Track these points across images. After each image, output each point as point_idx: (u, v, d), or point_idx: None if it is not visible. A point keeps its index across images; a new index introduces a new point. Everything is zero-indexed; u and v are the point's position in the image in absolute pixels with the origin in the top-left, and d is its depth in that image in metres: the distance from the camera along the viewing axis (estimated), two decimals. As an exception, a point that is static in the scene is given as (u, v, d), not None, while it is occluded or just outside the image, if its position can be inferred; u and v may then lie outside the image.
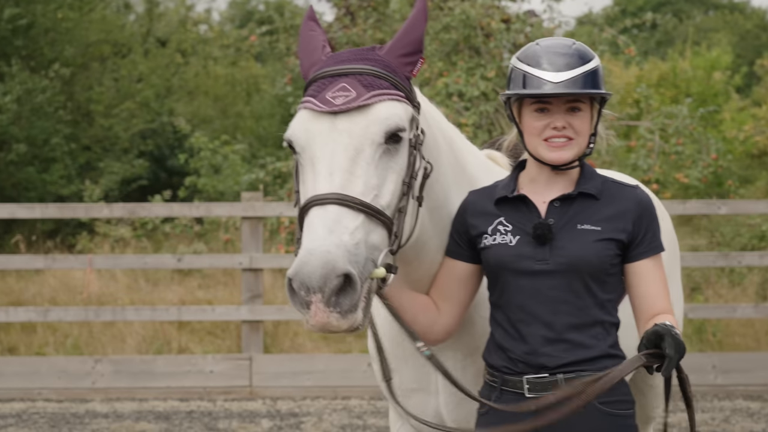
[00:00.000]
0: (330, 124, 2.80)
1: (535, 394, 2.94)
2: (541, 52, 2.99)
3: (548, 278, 2.94)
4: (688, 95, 18.72)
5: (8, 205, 9.29)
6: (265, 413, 8.31)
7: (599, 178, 3.06)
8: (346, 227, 2.66)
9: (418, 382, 3.40)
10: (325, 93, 2.82)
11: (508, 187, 3.08)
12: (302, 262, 2.59)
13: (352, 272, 2.60)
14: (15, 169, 15.14)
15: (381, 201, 2.77)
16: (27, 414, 8.32)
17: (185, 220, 12.75)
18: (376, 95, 2.81)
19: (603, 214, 2.99)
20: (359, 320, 2.65)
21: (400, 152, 2.84)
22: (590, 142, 3.02)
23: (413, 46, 2.93)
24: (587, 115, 2.99)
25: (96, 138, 17.19)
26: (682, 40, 27.91)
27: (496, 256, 3.00)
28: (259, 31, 14.38)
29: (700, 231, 14.27)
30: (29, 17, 15.34)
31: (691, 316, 8.94)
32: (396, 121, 2.81)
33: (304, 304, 2.61)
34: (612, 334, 3.02)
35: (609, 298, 3.01)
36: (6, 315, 9.09)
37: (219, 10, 40.85)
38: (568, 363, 2.93)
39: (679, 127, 12.56)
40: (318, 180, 2.76)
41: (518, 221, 3.02)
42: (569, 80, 2.93)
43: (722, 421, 7.92)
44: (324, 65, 2.91)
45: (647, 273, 3.00)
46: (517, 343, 2.98)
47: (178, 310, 9.06)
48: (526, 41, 12.84)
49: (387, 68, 2.88)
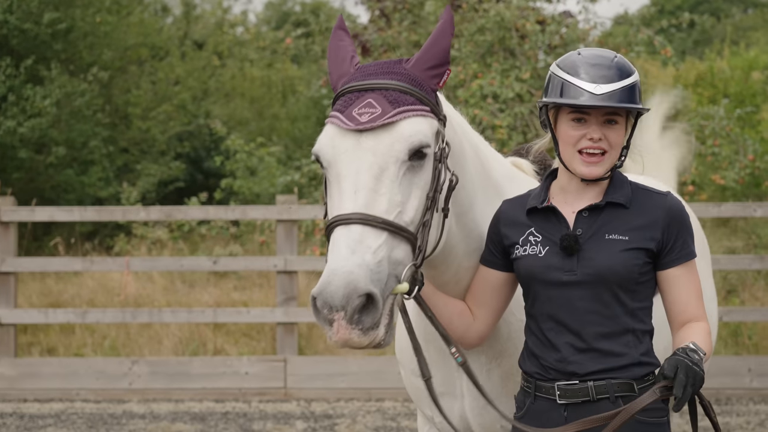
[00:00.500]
0: (355, 141, 2.85)
1: (566, 400, 2.99)
2: (583, 62, 3.02)
3: (577, 289, 2.98)
4: (726, 95, 18.57)
5: (47, 208, 9.42)
6: (299, 415, 8.37)
7: (629, 186, 3.08)
8: (369, 246, 2.72)
9: (445, 385, 3.45)
10: (352, 109, 2.86)
11: (539, 197, 3.12)
12: (326, 282, 2.66)
13: (374, 291, 2.66)
14: (54, 172, 15.32)
15: (405, 217, 2.82)
16: (65, 414, 8.44)
17: (221, 222, 12.85)
18: (401, 112, 2.85)
19: (632, 223, 3.01)
20: (381, 336, 2.72)
21: (424, 168, 2.88)
22: (622, 155, 3.05)
23: (439, 58, 2.96)
24: (622, 129, 3.02)
25: (134, 140, 17.35)
26: (720, 40, 27.67)
27: (527, 267, 3.05)
28: (295, 34, 14.46)
29: (737, 233, 14.17)
30: (68, 21, 15.49)
31: (726, 319, 8.91)
32: (420, 139, 2.85)
33: (327, 321, 2.68)
34: (645, 342, 3.04)
35: (641, 306, 3.03)
36: (45, 316, 9.21)
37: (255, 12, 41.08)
38: (597, 371, 2.97)
39: (715, 128, 12.48)
40: (343, 198, 2.81)
41: (548, 232, 3.06)
42: (609, 93, 2.95)
43: (757, 425, 7.88)
44: (351, 78, 2.95)
45: (679, 280, 3.02)
46: (549, 351, 3.02)
47: (213, 312, 9.14)
48: (561, 43, 12.83)
49: (413, 82, 2.91)
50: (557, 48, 12.86)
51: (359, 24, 14.96)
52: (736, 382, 8.69)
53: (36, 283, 12.42)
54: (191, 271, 11.96)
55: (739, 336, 9.62)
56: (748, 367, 8.74)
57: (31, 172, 15.21)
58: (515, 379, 3.30)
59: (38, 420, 8.28)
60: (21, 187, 14.80)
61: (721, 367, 8.79)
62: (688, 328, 2.99)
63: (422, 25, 13.25)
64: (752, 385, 8.69)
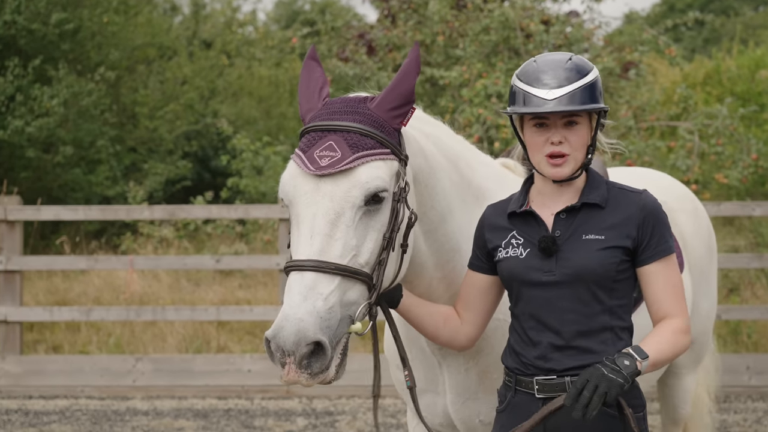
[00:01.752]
0: (314, 185, 2.95)
1: (544, 394, 3.07)
2: (538, 69, 3.09)
3: (556, 289, 3.05)
4: (733, 94, 18.56)
5: (53, 207, 9.52)
6: (300, 411, 8.45)
7: (605, 186, 3.15)
8: (321, 293, 2.83)
9: (428, 383, 3.58)
10: (314, 150, 2.97)
11: (518, 201, 3.20)
12: (278, 327, 2.80)
13: (322, 340, 2.79)
14: (62, 171, 15.44)
15: (360, 260, 2.93)
16: (70, 411, 8.53)
17: (226, 221, 12.94)
18: (359, 157, 2.95)
19: (607, 222, 3.08)
20: (331, 376, 2.87)
21: (381, 210, 2.98)
22: (588, 152, 3.11)
23: (403, 98, 3.04)
24: (584, 128, 3.08)
25: (141, 140, 17.46)
26: (729, 38, 27.63)
27: (508, 269, 3.14)
28: (300, 33, 14.54)
29: (742, 232, 14.19)
30: (76, 22, 15.60)
31: (725, 317, 8.95)
32: (377, 184, 2.95)
33: (279, 363, 2.81)
34: (624, 339, 3.10)
35: (619, 304, 3.09)
36: (51, 314, 9.31)
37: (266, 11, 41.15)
38: (575, 367, 3.04)
39: (719, 128, 12.51)
40: (300, 241, 2.93)
41: (528, 234, 3.14)
42: (562, 96, 3.01)
43: (754, 422, 7.93)
44: (317, 116, 3.05)
45: (656, 276, 3.08)
46: (529, 348, 3.10)
47: (217, 310, 9.23)
48: (566, 42, 12.88)
49: (375, 124, 3.01)
50: (562, 48, 12.90)
51: (366, 23, 15.03)
52: (735, 379, 8.74)
53: (43, 282, 12.54)
54: (196, 270, 12.05)
55: (739, 334, 9.66)
56: (746, 365, 8.79)
57: (39, 171, 15.34)
58: (492, 376, 3.40)
59: (43, 416, 8.38)
60: (29, 186, 14.93)
61: (719, 364, 8.83)
62: (654, 330, 3.05)
63: (427, 25, 13.31)
64: (751, 383, 8.74)
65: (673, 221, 4.31)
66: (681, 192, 4.67)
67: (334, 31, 14.21)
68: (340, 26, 14.25)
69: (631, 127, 12.46)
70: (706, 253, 4.55)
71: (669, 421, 4.80)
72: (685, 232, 4.36)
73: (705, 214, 4.69)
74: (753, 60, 20.70)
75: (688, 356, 4.59)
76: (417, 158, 3.17)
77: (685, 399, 4.69)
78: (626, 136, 12.47)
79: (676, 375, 4.62)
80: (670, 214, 4.29)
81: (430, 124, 3.39)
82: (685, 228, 4.39)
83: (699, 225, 4.56)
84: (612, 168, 4.63)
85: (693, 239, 4.42)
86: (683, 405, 4.71)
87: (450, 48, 13.14)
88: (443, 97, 12.57)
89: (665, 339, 3.00)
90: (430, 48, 13.32)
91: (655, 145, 12.37)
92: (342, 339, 2.89)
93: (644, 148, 12.06)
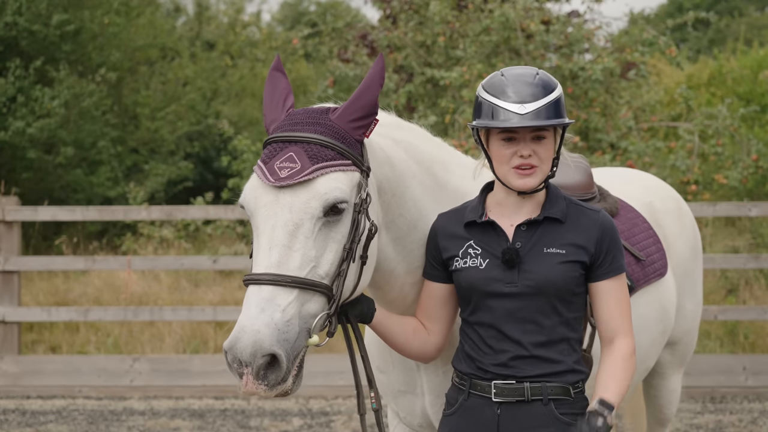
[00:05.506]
0: (274, 196, 2.96)
1: (502, 398, 3.10)
2: (506, 82, 3.11)
3: (517, 300, 3.09)
4: (736, 95, 18.53)
5: (51, 208, 9.55)
6: (296, 412, 8.47)
7: (563, 202, 3.19)
8: (279, 305, 2.85)
9: (406, 384, 3.60)
10: (275, 162, 2.97)
11: (476, 210, 3.22)
12: (235, 338, 2.82)
13: (278, 353, 2.80)
14: (63, 172, 15.49)
15: (319, 271, 2.94)
16: (67, 411, 8.56)
17: (226, 222, 12.95)
18: (318, 169, 2.95)
19: (567, 237, 3.13)
20: (288, 387, 2.88)
21: (342, 221, 2.98)
22: (553, 165, 3.16)
23: (366, 110, 3.05)
24: (551, 142, 3.13)
25: (142, 141, 17.50)
26: (734, 39, 27.59)
27: (467, 279, 3.16)
28: (301, 34, 14.56)
29: (744, 233, 14.17)
30: (77, 23, 15.65)
31: (721, 318, 8.96)
32: (336, 195, 2.94)
33: (237, 374, 2.83)
34: (577, 351, 3.17)
35: (575, 317, 3.16)
36: (48, 314, 9.35)
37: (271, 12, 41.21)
38: (534, 375, 3.09)
39: (719, 128, 12.50)
40: (259, 253, 2.94)
41: (487, 245, 3.16)
42: (534, 112, 3.05)
43: (750, 422, 7.93)
44: (279, 127, 3.06)
45: (607, 293, 3.14)
46: (488, 356, 3.13)
47: (213, 311, 9.25)
48: (566, 42, 12.89)
49: (336, 135, 3.01)
50: (562, 48, 12.91)
51: (368, 23, 15.04)
52: (731, 380, 8.75)
53: (44, 283, 12.57)
54: (196, 271, 12.07)
55: (736, 335, 9.66)
56: (743, 366, 8.79)
57: (40, 172, 15.39)
58: None
59: (40, 416, 8.41)
60: (30, 187, 14.99)
61: (716, 365, 8.85)
62: (608, 367, 3.10)
63: (428, 26, 13.32)
64: (747, 384, 8.74)
65: (657, 222, 4.33)
66: (665, 192, 4.68)
67: (335, 32, 14.24)
68: (341, 27, 14.27)
69: (631, 128, 12.46)
70: (691, 253, 4.56)
71: (654, 421, 4.82)
72: (668, 234, 4.38)
73: (690, 215, 4.70)
74: (756, 60, 20.68)
75: (673, 356, 4.60)
76: (383, 167, 3.18)
77: (670, 399, 4.70)
78: (627, 136, 12.48)
79: (661, 375, 4.63)
80: (655, 215, 4.32)
81: (402, 129, 3.40)
82: (668, 229, 4.40)
83: (683, 226, 4.57)
84: (597, 168, 4.64)
85: (677, 240, 4.43)
86: (669, 406, 4.72)
87: (451, 49, 13.15)
88: (444, 98, 12.57)
89: (620, 374, 3.08)
90: (430, 49, 13.34)
91: (655, 146, 12.36)
92: (300, 352, 2.90)
93: (644, 148, 12.06)
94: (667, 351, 4.52)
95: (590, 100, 12.41)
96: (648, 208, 4.34)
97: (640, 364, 4.07)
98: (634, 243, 4.01)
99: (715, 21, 19.62)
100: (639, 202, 4.31)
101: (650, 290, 4.02)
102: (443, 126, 12.03)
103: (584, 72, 12.11)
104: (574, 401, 3.10)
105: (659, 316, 4.11)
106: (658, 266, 4.07)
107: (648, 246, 4.07)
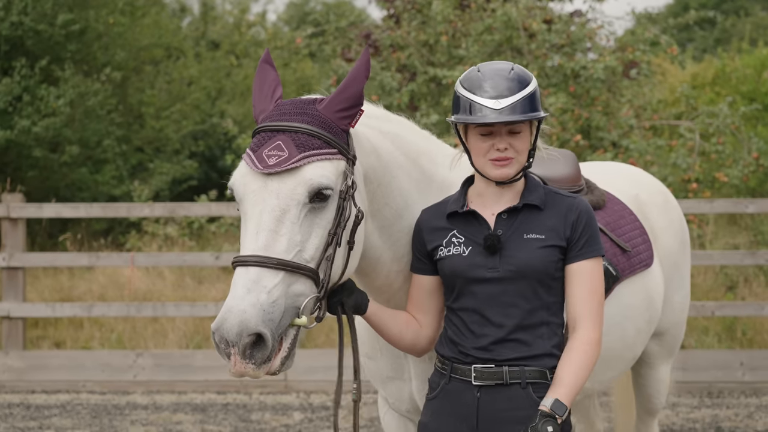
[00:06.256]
0: (262, 183, 3.06)
1: (481, 381, 3.20)
2: (482, 78, 3.22)
3: (499, 284, 3.19)
4: (740, 94, 18.56)
5: (54, 205, 9.65)
6: (297, 406, 8.56)
7: (542, 190, 3.30)
8: (265, 286, 2.95)
9: (394, 370, 3.70)
10: (263, 150, 3.07)
11: (458, 202, 3.33)
12: (222, 319, 2.91)
13: (263, 332, 2.90)
14: (68, 170, 15.59)
15: (305, 255, 3.04)
16: (71, 405, 8.66)
17: (230, 220, 13.03)
18: (305, 157, 3.06)
19: (546, 223, 3.23)
20: (276, 367, 2.98)
21: (327, 207, 3.09)
22: (530, 156, 3.27)
23: (352, 100, 3.16)
24: (526, 135, 3.23)
25: (147, 139, 17.60)
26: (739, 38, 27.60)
27: (451, 266, 3.26)
28: (305, 34, 14.63)
29: (747, 230, 14.20)
30: (82, 22, 15.75)
31: (719, 314, 9.03)
32: (321, 182, 3.05)
33: (225, 354, 2.93)
34: (558, 335, 3.26)
35: (555, 301, 3.25)
36: (53, 310, 9.45)
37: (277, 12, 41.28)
38: (514, 358, 3.19)
39: (720, 126, 12.55)
40: (246, 237, 3.04)
41: (470, 233, 3.26)
42: (509, 107, 3.15)
43: (746, 417, 8.00)
44: (268, 116, 3.16)
45: (580, 275, 3.23)
46: (470, 340, 3.23)
47: (216, 306, 9.33)
48: (568, 41, 12.95)
49: (322, 125, 3.12)
50: (564, 47, 12.96)
51: (373, 23, 15.11)
52: (728, 375, 8.82)
53: (49, 279, 12.69)
54: (200, 267, 12.17)
55: (734, 331, 9.72)
56: (740, 361, 8.86)
57: (46, 170, 15.50)
58: None
59: (44, 410, 8.51)
60: (36, 186, 15.09)
61: (713, 360, 8.92)
62: (566, 358, 3.17)
63: (431, 25, 13.39)
64: (744, 379, 8.81)
65: (644, 215, 4.41)
66: (652, 186, 4.76)
67: (338, 32, 14.31)
68: (345, 26, 14.34)
69: (633, 126, 12.52)
70: (678, 246, 4.64)
71: (643, 411, 4.89)
72: (655, 226, 4.46)
73: (677, 209, 4.78)
74: (759, 60, 20.71)
75: (662, 347, 4.67)
76: (369, 157, 3.28)
77: (658, 389, 4.77)
78: (628, 135, 12.53)
79: (649, 365, 4.70)
80: (642, 208, 4.40)
81: (390, 121, 3.50)
82: (655, 222, 4.48)
83: (670, 219, 4.65)
84: (586, 162, 4.72)
85: (664, 233, 4.51)
86: (658, 395, 4.78)
87: (453, 48, 13.21)
88: (446, 97, 12.65)
89: (577, 368, 3.14)
90: (433, 48, 13.41)
91: (657, 144, 12.41)
92: (290, 332, 3.01)
93: (646, 147, 12.11)
94: (655, 341, 4.59)
95: (592, 99, 12.47)
96: (635, 201, 4.42)
97: (627, 353, 4.16)
98: (620, 234, 4.09)
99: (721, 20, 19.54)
100: (626, 195, 4.39)
101: (636, 280, 4.10)
102: (446, 125, 12.10)
103: (586, 71, 12.17)
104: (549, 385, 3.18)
105: (645, 305, 4.19)
106: (644, 257, 4.15)
107: (634, 237, 4.15)
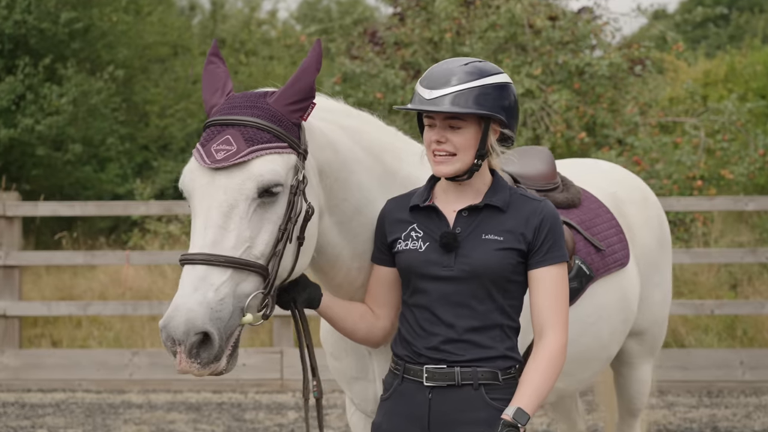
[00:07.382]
0: (210, 178, 2.99)
1: (433, 382, 3.13)
2: (434, 69, 3.16)
3: (453, 284, 3.12)
4: (751, 91, 18.44)
5: (50, 203, 9.64)
6: (293, 405, 8.52)
7: (507, 191, 3.21)
8: (212, 284, 2.89)
9: (359, 371, 3.64)
10: (211, 145, 3.01)
11: (422, 195, 3.26)
12: (169, 317, 2.86)
13: (210, 331, 2.84)
14: (72, 169, 15.61)
15: (254, 251, 2.97)
16: (65, 404, 8.64)
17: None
18: (253, 151, 2.98)
19: (506, 225, 3.14)
20: (222, 367, 2.92)
21: (277, 202, 3.01)
22: (478, 157, 3.14)
23: (303, 93, 3.08)
24: (469, 132, 3.11)
25: (152, 138, 17.61)
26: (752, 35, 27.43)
27: (407, 261, 3.20)
28: (308, 31, 14.60)
29: (754, 228, 14.08)
30: (86, 21, 15.75)
31: (718, 313, 8.94)
32: (270, 177, 2.97)
33: (172, 352, 2.88)
34: (511, 338, 3.19)
35: (510, 304, 3.18)
36: (48, 309, 9.43)
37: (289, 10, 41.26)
38: (466, 360, 3.12)
39: (725, 123, 12.45)
40: (195, 234, 2.98)
41: (429, 229, 3.20)
42: (440, 98, 3.07)
43: (743, 416, 7.91)
44: (218, 110, 3.10)
45: (543, 282, 3.14)
46: (422, 339, 3.16)
47: (213, 305, 9.27)
48: (573, 38, 12.87)
49: (272, 118, 3.04)
50: (569, 44, 12.89)
51: (376, 19, 15.08)
52: (728, 374, 8.73)
53: (51, 278, 12.69)
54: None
55: (734, 330, 9.63)
56: (740, 360, 8.77)
57: (50, 169, 15.52)
58: None
59: (38, 409, 8.49)
60: (40, 184, 15.10)
61: (713, 359, 8.83)
62: (530, 367, 3.10)
63: (435, 22, 13.33)
64: (744, 378, 8.72)
65: (621, 212, 4.34)
66: (631, 183, 4.68)
67: (342, 29, 14.28)
68: (349, 25, 14.31)
69: (638, 123, 12.44)
70: (656, 243, 4.56)
71: (625, 411, 4.82)
72: (633, 223, 4.38)
73: (656, 205, 4.70)
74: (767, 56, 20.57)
75: (642, 346, 4.60)
76: (324, 151, 3.21)
77: (640, 389, 4.69)
78: (634, 132, 12.46)
79: (630, 365, 4.63)
80: (619, 205, 4.33)
81: (350, 116, 3.42)
82: (633, 219, 4.40)
83: (648, 216, 4.56)
84: (562, 160, 4.64)
85: (641, 230, 4.43)
86: (639, 396, 4.71)
87: (458, 45, 13.16)
88: (449, 94, 12.60)
89: (542, 376, 3.06)
90: (438, 45, 13.36)
91: (662, 141, 12.33)
92: (234, 331, 2.94)
93: (651, 144, 12.03)
94: (635, 341, 4.52)
95: (597, 96, 12.39)
96: (612, 199, 4.34)
97: (602, 352, 4.08)
98: (595, 233, 4.02)
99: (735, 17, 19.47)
100: (603, 193, 4.31)
101: (610, 280, 4.03)
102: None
103: (591, 68, 12.10)
104: (504, 387, 3.11)
105: (620, 305, 4.12)
106: (619, 256, 4.07)
107: (610, 236, 4.08)
